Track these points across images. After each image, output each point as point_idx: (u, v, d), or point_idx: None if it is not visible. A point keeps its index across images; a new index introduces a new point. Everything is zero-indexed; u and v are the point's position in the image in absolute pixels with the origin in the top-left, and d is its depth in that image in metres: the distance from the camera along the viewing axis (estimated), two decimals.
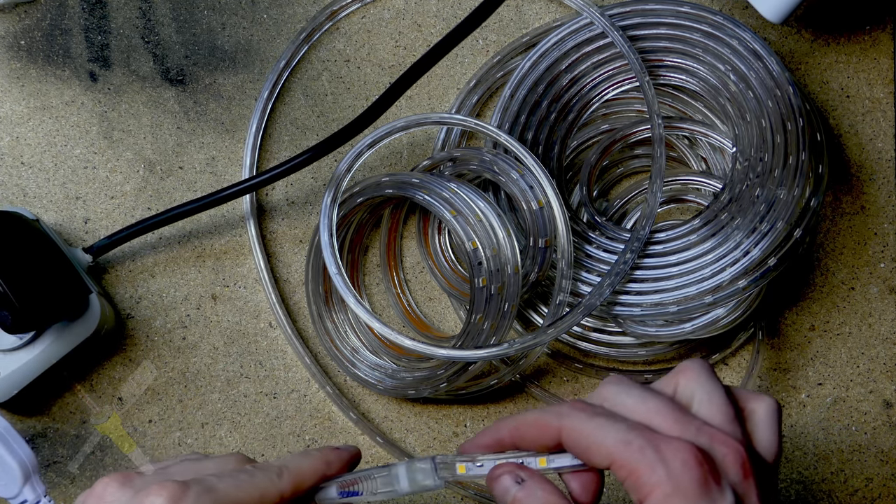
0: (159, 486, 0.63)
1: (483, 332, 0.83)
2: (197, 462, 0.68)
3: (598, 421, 0.64)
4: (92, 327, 0.83)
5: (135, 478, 0.65)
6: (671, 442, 0.62)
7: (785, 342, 0.90)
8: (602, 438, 0.63)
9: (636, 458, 0.62)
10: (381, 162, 0.91)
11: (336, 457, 0.68)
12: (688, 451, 0.62)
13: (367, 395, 0.89)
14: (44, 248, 0.81)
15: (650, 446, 0.62)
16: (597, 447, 0.63)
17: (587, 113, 0.89)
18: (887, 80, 0.92)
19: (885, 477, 0.89)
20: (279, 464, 0.67)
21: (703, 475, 0.61)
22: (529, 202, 0.83)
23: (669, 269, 0.84)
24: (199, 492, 0.63)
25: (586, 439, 0.63)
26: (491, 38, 0.91)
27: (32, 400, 0.86)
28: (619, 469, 0.62)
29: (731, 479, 0.62)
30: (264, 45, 0.90)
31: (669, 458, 0.61)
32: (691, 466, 0.61)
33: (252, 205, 0.88)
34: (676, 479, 0.61)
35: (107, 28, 0.90)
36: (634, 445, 0.62)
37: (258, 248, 0.88)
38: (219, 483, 0.64)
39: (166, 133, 0.90)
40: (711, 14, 0.85)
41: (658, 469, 0.61)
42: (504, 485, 0.65)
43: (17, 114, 0.89)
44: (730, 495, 0.62)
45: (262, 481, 0.65)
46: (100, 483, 0.65)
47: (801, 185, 0.82)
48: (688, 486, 0.61)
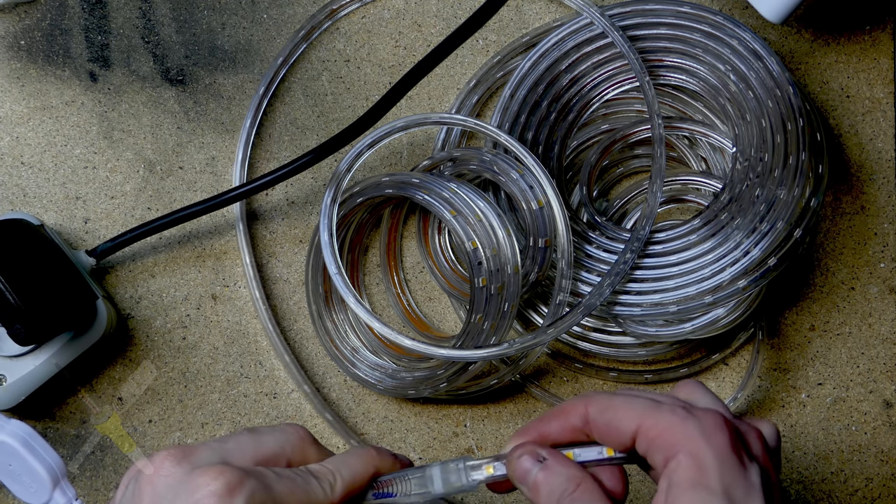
0: (217, 470, 0.61)
1: (483, 332, 0.83)
2: (256, 438, 0.65)
3: (624, 395, 0.63)
4: (99, 333, 0.83)
5: (194, 453, 0.63)
6: (699, 407, 0.61)
7: (785, 342, 0.90)
8: (630, 404, 0.62)
9: (667, 417, 0.61)
10: (381, 162, 0.91)
11: (387, 464, 0.67)
12: (718, 415, 0.61)
13: (368, 394, 0.89)
14: (50, 255, 0.80)
15: (681, 407, 0.61)
16: (625, 412, 0.62)
17: (587, 113, 0.89)
18: (887, 80, 0.92)
19: (885, 477, 0.89)
20: (334, 468, 0.65)
21: (734, 438, 0.61)
22: (529, 202, 0.83)
23: (669, 269, 0.84)
24: (255, 488, 0.61)
25: (613, 408, 0.62)
26: (491, 38, 0.91)
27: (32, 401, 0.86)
28: (647, 431, 0.61)
29: (755, 453, 0.62)
30: (264, 45, 0.90)
31: (701, 416, 0.61)
32: (723, 427, 0.60)
33: (242, 210, 0.88)
34: (709, 434, 0.60)
35: (107, 28, 0.90)
36: (665, 405, 0.61)
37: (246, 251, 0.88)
38: (276, 484, 0.62)
39: (166, 133, 0.90)
40: (711, 14, 0.85)
41: (690, 424, 0.60)
42: (524, 466, 0.64)
43: (17, 114, 0.89)
44: (756, 464, 0.61)
45: (316, 491, 0.64)
46: (159, 455, 0.63)
47: (801, 185, 0.82)
48: (720, 442, 0.60)
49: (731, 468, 0.60)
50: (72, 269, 0.81)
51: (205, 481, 0.61)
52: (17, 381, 0.82)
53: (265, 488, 0.62)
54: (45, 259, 0.80)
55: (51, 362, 0.82)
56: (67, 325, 0.81)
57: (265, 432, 0.66)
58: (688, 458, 0.60)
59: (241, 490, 0.61)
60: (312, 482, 0.64)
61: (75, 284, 0.80)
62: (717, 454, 0.60)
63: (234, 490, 0.61)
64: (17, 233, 0.79)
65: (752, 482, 0.60)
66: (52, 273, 0.79)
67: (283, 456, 0.66)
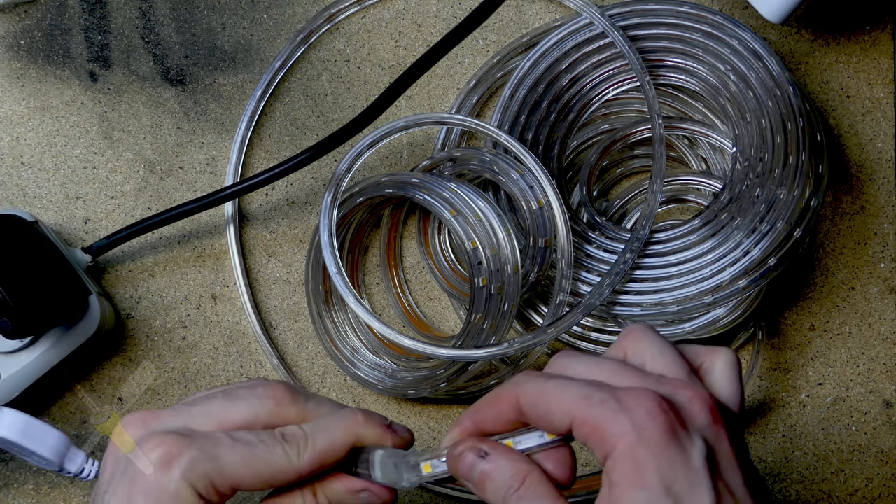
0: (158, 439, 0.60)
1: (483, 331, 0.83)
2: (227, 402, 0.63)
3: (554, 382, 0.60)
4: (92, 329, 0.83)
5: (158, 417, 0.62)
6: (632, 391, 0.58)
7: (785, 342, 0.90)
8: (560, 396, 0.59)
9: (597, 412, 0.58)
10: (381, 162, 0.91)
11: (372, 433, 0.65)
12: (651, 399, 0.58)
13: (368, 394, 0.89)
14: (42, 250, 0.80)
15: (611, 397, 0.58)
16: (556, 406, 0.59)
17: (587, 113, 0.89)
18: (887, 80, 0.92)
19: (885, 477, 0.89)
20: (308, 433, 0.63)
21: (670, 422, 0.57)
22: (529, 202, 0.83)
23: (669, 269, 0.84)
24: (196, 458, 0.60)
25: (545, 401, 0.60)
26: (491, 38, 0.91)
27: (32, 400, 0.86)
28: (580, 427, 0.59)
29: (698, 425, 0.58)
30: (264, 45, 0.90)
31: (632, 406, 0.57)
32: (656, 414, 0.57)
33: (234, 210, 0.88)
34: (641, 427, 0.57)
35: (107, 28, 0.90)
36: (595, 399, 0.58)
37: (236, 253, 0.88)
38: (227, 453, 0.60)
39: (166, 133, 0.90)
40: (711, 14, 0.85)
41: (621, 419, 0.57)
42: (468, 462, 0.61)
43: (17, 114, 0.89)
44: (699, 442, 0.58)
45: (279, 459, 0.61)
46: (128, 417, 0.62)
47: (801, 185, 0.83)
48: (654, 433, 0.57)
49: (670, 459, 0.57)
50: (65, 265, 0.81)
51: (146, 449, 0.60)
52: (12, 377, 0.82)
53: (211, 458, 0.60)
54: (37, 255, 0.80)
55: (46, 357, 0.82)
56: (58, 320, 0.81)
57: (239, 396, 0.64)
58: (623, 456, 0.57)
59: (179, 460, 0.60)
60: (276, 449, 0.62)
61: (67, 280, 0.80)
62: (653, 449, 0.57)
63: (172, 460, 0.59)
64: (9, 228, 0.80)
65: (694, 467, 0.57)
66: (44, 268, 0.79)
67: (258, 421, 0.63)
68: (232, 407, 0.63)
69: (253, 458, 0.61)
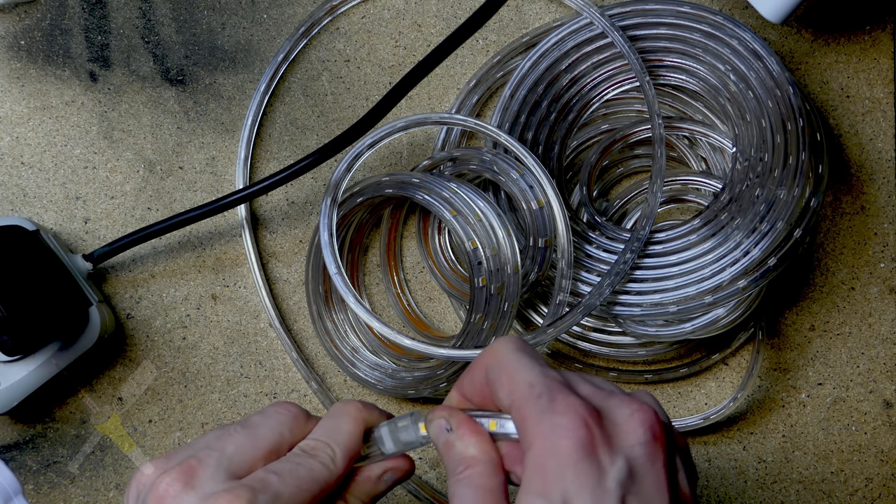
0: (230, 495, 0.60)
1: (483, 331, 0.83)
2: (253, 435, 0.63)
3: (520, 357, 0.59)
4: (92, 340, 0.83)
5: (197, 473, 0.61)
6: (569, 398, 0.57)
7: (785, 342, 0.90)
8: (513, 374, 0.59)
9: (530, 404, 0.57)
10: (381, 162, 0.91)
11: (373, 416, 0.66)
12: (579, 410, 0.57)
13: (368, 394, 0.89)
14: (44, 262, 0.80)
15: (547, 396, 0.57)
16: (507, 381, 0.59)
17: (587, 113, 0.89)
18: (887, 80, 0.92)
19: (885, 477, 0.89)
20: (327, 439, 0.64)
21: (588, 438, 0.56)
22: (529, 202, 0.83)
23: (669, 269, 0.84)
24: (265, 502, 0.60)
25: (499, 373, 0.59)
26: (491, 38, 0.91)
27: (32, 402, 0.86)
28: (515, 412, 0.58)
29: (627, 443, 0.57)
30: (264, 45, 0.90)
31: (559, 411, 0.57)
32: (575, 426, 0.56)
33: (248, 213, 0.88)
34: (556, 437, 0.56)
35: (107, 28, 0.90)
36: (535, 390, 0.58)
37: (253, 256, 0.88)
38: (282, 486, 0.61)
39: (166, 133, 0.90)
40: (711, 14, 0.85)
41: (544, 421, 0.57)
42: (435, 429, 0.62)
43: (17, 114, 0.89)
44: (620, 462, 0.57)
45: (320, 472, 0.62)
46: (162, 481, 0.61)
47: (801, 185, 0.83)
48: (567, 446, 0.56)
49: (579, 475, 0.56)
50: (66, 276, 0.81)
51: None
52: (10, 387, 0.82)
53: (274, 497, 0.61)
54: (38, 267, 0.79)
55: (45, 367, 0.82)
56: (57, 335, 0.80)
57: (259, 424, 0.65)
58: (533, 459, 0.57)
59: None
60: (313, 464, 0.63)
61: (69, 292, 0.80)
62: (562, 460, 0.56)
63: None
64: (10, 240, 0.79)
65: (606, 487, 0.56)
66: (45, 281, 0.79)
67: (283, 443, 0.64)
68: (259, 437, 0.64)
69: (302, 481, 0.62)
